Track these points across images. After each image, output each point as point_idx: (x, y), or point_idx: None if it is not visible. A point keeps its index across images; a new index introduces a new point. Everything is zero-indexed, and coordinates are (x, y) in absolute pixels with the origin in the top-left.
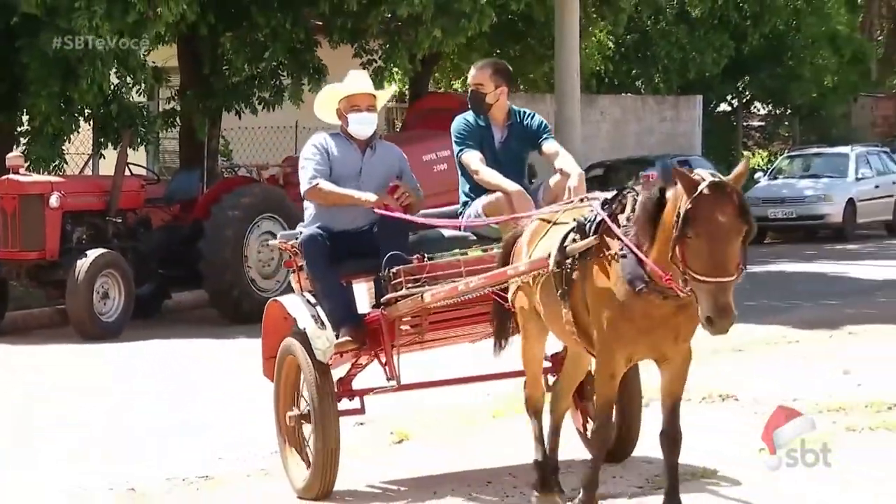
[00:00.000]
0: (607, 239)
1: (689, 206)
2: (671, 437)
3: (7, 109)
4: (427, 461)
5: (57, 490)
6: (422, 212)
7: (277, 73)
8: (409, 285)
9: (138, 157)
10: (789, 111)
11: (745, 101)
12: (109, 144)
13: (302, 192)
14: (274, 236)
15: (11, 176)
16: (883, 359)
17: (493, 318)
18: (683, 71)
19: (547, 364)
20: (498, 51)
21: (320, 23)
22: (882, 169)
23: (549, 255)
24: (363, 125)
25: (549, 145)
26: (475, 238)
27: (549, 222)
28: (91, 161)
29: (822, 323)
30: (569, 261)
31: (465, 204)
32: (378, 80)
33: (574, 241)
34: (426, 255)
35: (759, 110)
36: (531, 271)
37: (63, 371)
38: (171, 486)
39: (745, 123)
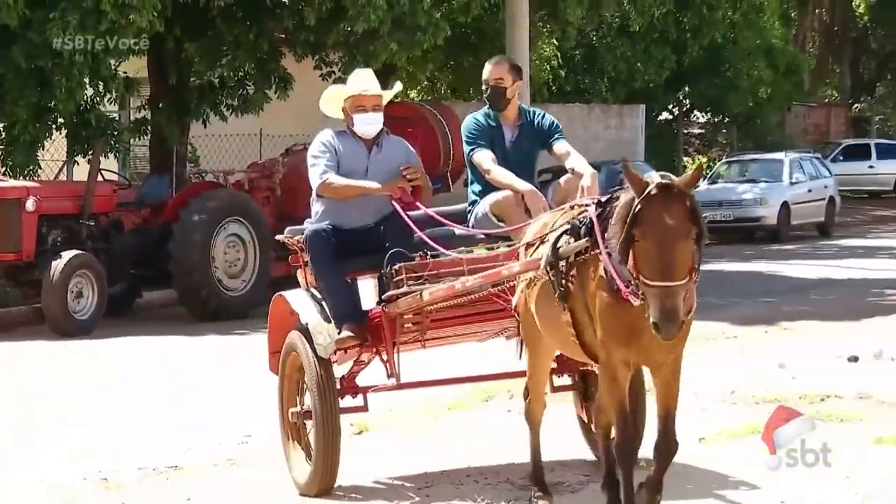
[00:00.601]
0: (599, 239)
1: (638, 207)
2: (666, 448)
3: None
4: (386, 451)
5: (32, 481)
6: (432, 209)
7: (244, 83)
8: (411, 283)
9: (110, 164)
10: (727, 119)
11: (685, 109)
12: (83, 153)
13: (313, 188)
14: (239, 238)
15: None
16: (816, 353)
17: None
18: (629, 82)
19: (553, 365)
20: (452, 62)
21: (284, 36)
22: (814, 174)
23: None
24: (369, 125)
25: (560, 145)
26: (484, 236)
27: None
28: (65, 167)
29: (758, 319)
30: (563, 262)
31: (474, 203)
32: None
33: (568, 242)
34: (428, 253)
35: (698, 119)
36: (524, 271)
37: (41, 366)
38: (143, 476)
39: (685, 131)
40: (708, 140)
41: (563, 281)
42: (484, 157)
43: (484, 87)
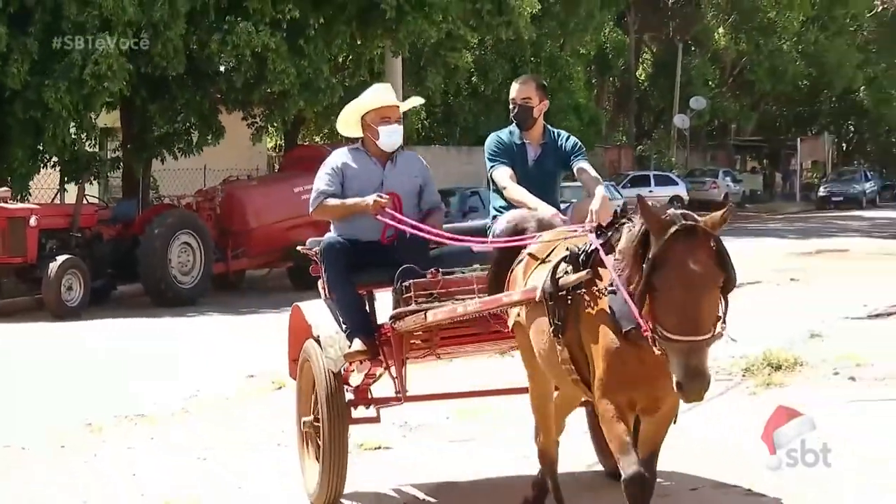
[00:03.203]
0: (600, 271)
1: (657, 250)
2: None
3: None
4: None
5: (33, 424)
6: (451, 226)
7: (190, 132)
8: (421, 300)
9: (92, 191)
10: None
11: None
12: (72, 182)
13: (310, 213)
14: (189, 245)
15: (1, 204)
16: None
17: None
18: (476, 130)
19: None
20: None
21: (219, 95)
22: (610, 197)
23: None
24: (393, 136)
25: (581, 167)
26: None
27: (537, 259)
28: (59, 194)
29: None
30: (562, 293)
31: (495, 219)
32: (259, 136)
33: (567, 272)
34: (440, 270)
35: None
36: (524, 301)
37: (41, 341)
38: (118, 422)
39: None
40: None
41: (562, 313)
42: (502, 175)
43: (511, 106)
